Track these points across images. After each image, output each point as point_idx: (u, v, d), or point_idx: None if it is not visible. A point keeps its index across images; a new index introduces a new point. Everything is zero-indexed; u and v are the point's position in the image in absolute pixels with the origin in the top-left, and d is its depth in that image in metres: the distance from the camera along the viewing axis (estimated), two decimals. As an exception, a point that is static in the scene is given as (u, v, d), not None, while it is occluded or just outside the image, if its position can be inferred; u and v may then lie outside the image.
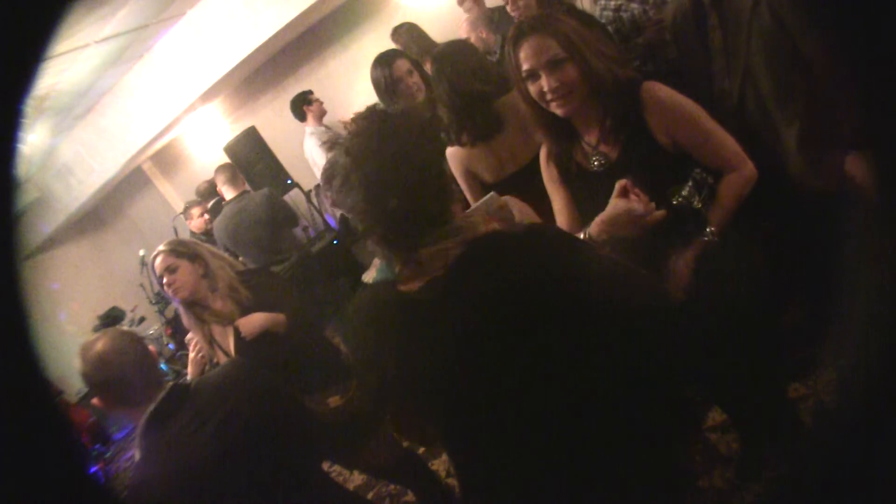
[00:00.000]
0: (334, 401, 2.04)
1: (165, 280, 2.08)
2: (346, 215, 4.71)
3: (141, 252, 5.70)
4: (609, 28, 2.61)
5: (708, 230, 1.41)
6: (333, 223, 5.88)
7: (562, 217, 1.57)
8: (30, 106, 4.09)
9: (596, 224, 1.33)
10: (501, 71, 2.54)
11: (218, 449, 1.42)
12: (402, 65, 2.60)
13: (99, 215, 7.22)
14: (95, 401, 1.46)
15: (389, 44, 3.95)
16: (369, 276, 1.19)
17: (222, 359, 2.06)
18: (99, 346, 1.44)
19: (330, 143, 1.12)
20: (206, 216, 4.47)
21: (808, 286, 1.65)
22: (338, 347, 4.23)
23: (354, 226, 4.96)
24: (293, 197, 5.99)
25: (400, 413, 1.25)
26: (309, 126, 4.54)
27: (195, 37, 4.68)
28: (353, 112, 1.25)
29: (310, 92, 4.67)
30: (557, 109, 1.42)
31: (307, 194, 5.88)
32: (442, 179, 1.09)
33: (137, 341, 1.51)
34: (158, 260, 2.12)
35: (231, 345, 2.08)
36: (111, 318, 5.27)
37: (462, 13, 4.19)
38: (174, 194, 6.84)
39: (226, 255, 2.34)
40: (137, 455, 1.44)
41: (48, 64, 3.46)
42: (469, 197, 2.22)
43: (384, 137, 1.02)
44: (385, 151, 1.01)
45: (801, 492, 0.76)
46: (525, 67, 1.42)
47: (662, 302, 1.20)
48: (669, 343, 1.09)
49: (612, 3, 2.67)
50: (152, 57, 4.85)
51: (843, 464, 0.65)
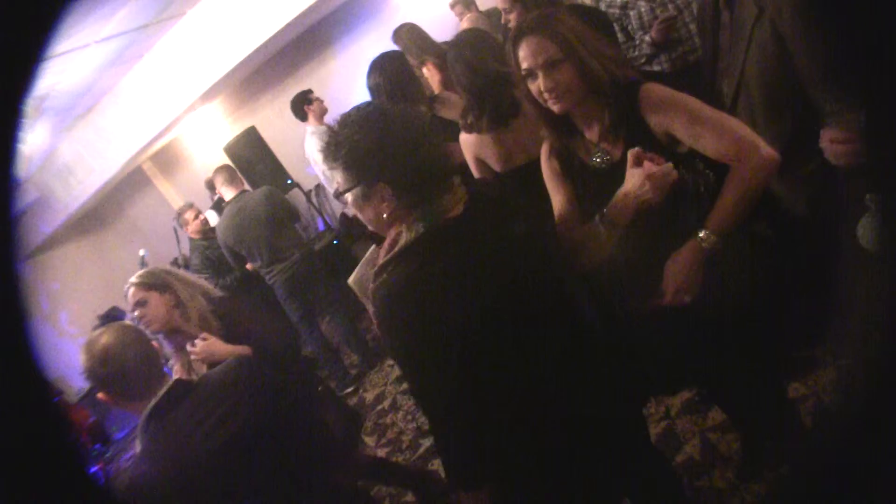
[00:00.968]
0: None
1: (136, 314, 2.05)
2: (346, 214, 4.73)
3: (141, 252, 5.70)
4: (615, 25, 2.61)
5: (702, 234, 1.36)
6: (333, 223, 5.89)
7: (563, 212, 1.56)
8: (30, 106, 4.10)
9: (615, 204, 1.38)
10: None
11: (218, 444, 1.42)
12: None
13: (99, 215, 7.22)
14: (101, 395, 1.47)
15: (389, 44, 3.95)
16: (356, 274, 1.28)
17: None
18: (104, 340, 1.45)
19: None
20: (202, 217, 4.47)
21: (807, 288, 1.65)
22: (313, 361, 4.24)
23: (355, 226, 4.94)
24: (293, 197, 6.01)
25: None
26: (310, 126, 4.54)
27: (195, 37, 4.68)
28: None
29: (310, 91, 4.66)
30: (553, 107, 1.45)
31: (307, 194, 5.89)
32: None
33: (141, 335, 1.53)
34: (129, 293, 2.09)
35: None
36: (111, 319, 5.28)
37: (461, 12, 4.20)
38: (174, 194, 6.84)
39: (200, 283, 2.31)
40: (138, 448, 1.45)
41: (48, 64, 3.46)
42: None
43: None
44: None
45: (801, 492, 0.76)
46: (524, 66, 1.45)
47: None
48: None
49: (619, 0, 2.66)
50: (152, 57, 4.84)
51: (843, 464, 0.65)
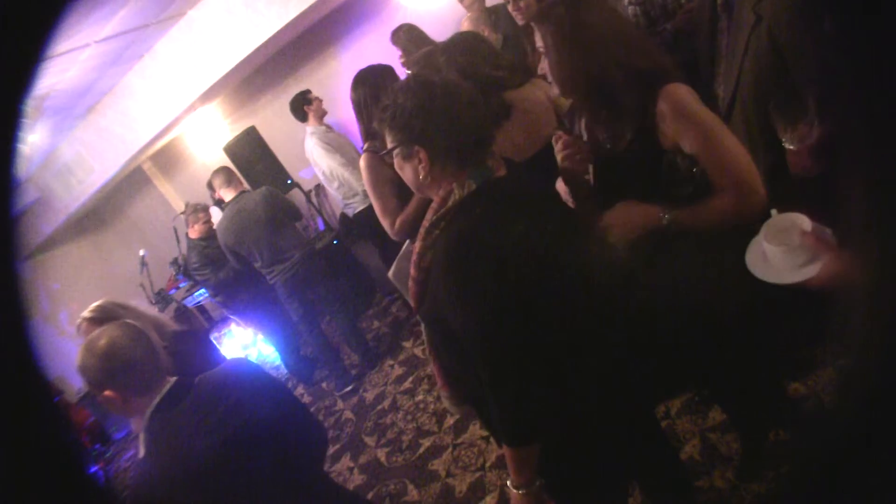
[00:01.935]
0: None
1: None
2: (347, 215, 4.73)
3: (141, 252, 5.71)
4: (638, 8, 2.58)
5: (667, 216, 1.42)
6: (333, 223, 5.89)
7: None
8: (30, 106, 4.09)
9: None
10: (512, 60, 2.57)
11: (220, 441, 1.43)
12: None
13: (99, 215, 7.22)
14: (109, 392, 1.44)
15: (389, 44, 3.95)
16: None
17: None
18: (106, 337, 1.46)
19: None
20: (210, 223, 4.49)
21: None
22: (314, 361, 4.17)
23: (354, 226, 4.93)
24: (293, 197, 6.01)
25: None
26: (310, 126, 4.54)
27: (195, 37, 4.68)
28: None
29: (308, 91, 4.67)
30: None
31: (307, 194, 5.89)
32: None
33: (140, 330, 1.54)
34: (82, 328, 2.11)
35: None
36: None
37: (462, 12, 4.19)
38: (174, 194, 6.84)
39: (153, 316, 2.32)
40: (142, 451, 1.45)
41: (48, 64, 3.46)
42: None
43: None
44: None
45: (801, 492, 0.76)
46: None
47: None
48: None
49: None
50: (152, 57, 4.84)
51: (843, 464, 0.65)
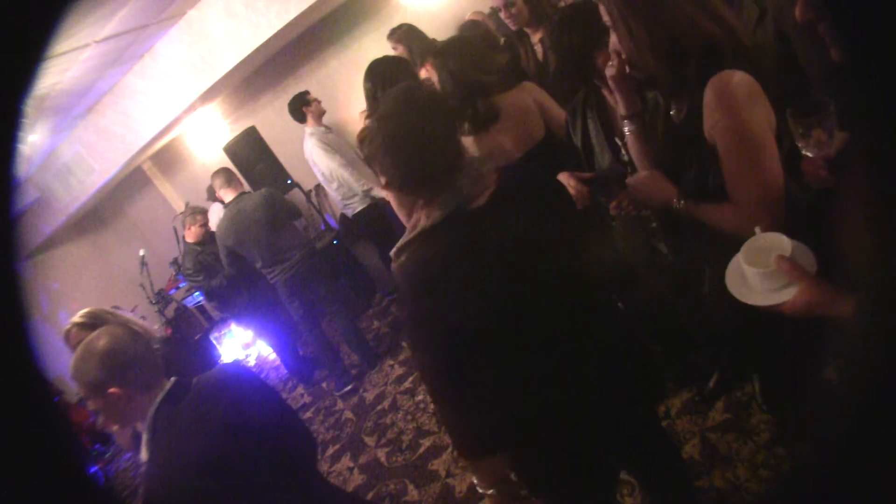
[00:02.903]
0: None
1: None
2: (346, 215, 4.73)
3: (141, 252, 5.71)
4: None
5: (682, 203, 1.46)
6: (334, 223, 5.89)
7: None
8: (30, 106, 4.09)
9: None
10: (504, 63, 2.62)
11: (221, 439, 1.44)
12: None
13: (99, 215, 7.22)
14: (114, 390, 1.42)
15: (390, 44, 3.95)
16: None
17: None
18: (105, 337, 1.46)
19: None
20: (207, 227, 4.50)
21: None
22: (314, 360, 4.15)
23: (354, 226, 4.95)
24: (293, 197, 6.00)
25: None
26: (309, 127, 4.54)
27: (195, 37, 4.68)
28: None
29: (307, 92, 4.67)
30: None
31: (307, 194, 5.89)
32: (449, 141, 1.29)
33: (134, 330, 1.56)
34: (71, 334, 2.10)
35: None
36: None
37: (462, 12, 4.20)
38: (174, 194, 6.83)
39: (141, 324, 2.30)
40: (144, 452, 1.45)
41: (48, 64, 3.46)
42: None
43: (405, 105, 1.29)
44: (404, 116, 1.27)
45: (802, 492, 0.76)
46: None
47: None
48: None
49: None
50: (152, 57, 4.84)
51: (843, 464, 0.65)
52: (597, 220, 2.10)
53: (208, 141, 6.28)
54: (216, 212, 4.90)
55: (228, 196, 4.15)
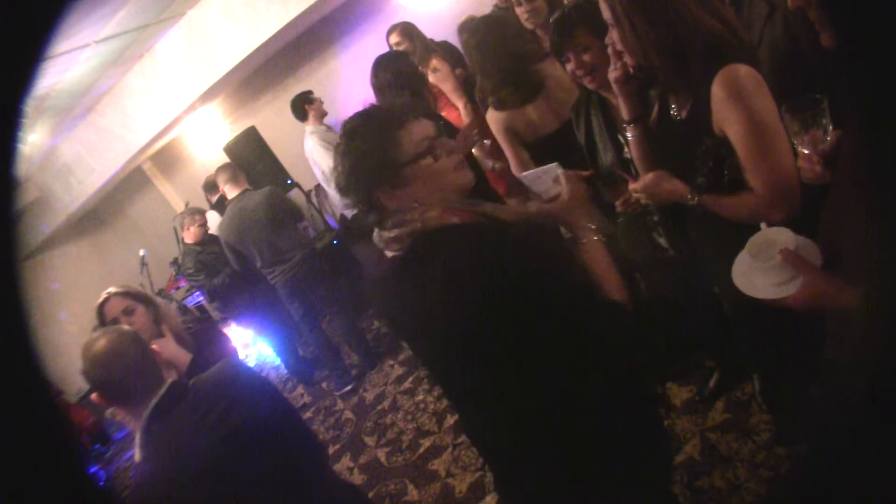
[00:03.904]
0: None
1: (121, 322, 1.98)
2: (346, 215, 4.73)
3: (141, 252, 5.70)
4: None
5: (696, 199, 1.47)
6: (333, 223, 5.89)
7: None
8: (30, 106, 4.09)
9: None
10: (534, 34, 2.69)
11: (218, 439, 1.43)
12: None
13: (99, 215, 7.22)
14: (95, 397, 1.47)
15: (391, 40, 3.95)
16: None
17: None
18: (98, 346, 1.45)
19: None
20: (205, 227, 4.50)
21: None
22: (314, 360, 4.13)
23: (354, 226, 4.95)
24: (293, 197, 6.00)
25: None
26: (309, 126, 4.54)
27: (195, 37, 4.68)
28: None
29: (311, 92, 4.67)
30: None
31: (307, 194, 5.89)
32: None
33: (137, 341, 1.52)
34: (112, 302, 2.04)
35: None
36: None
37: (462, 12, 4.19)
38: (174, 194, 6.84)
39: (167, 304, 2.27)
40: (138, 454, 1.44)
41: (48, 64, 3.46)
42: (510, 154, 2.39)
43: None
44: None
45: (801, 492, 0.76)
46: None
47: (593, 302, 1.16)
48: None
49: None
50: (152, 57, 4.84)
51: (843, 465, 0.65)
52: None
53: (208, 141, 6.28)
54: (213, 218, 4.90)
55: (232, 192, 4.14)
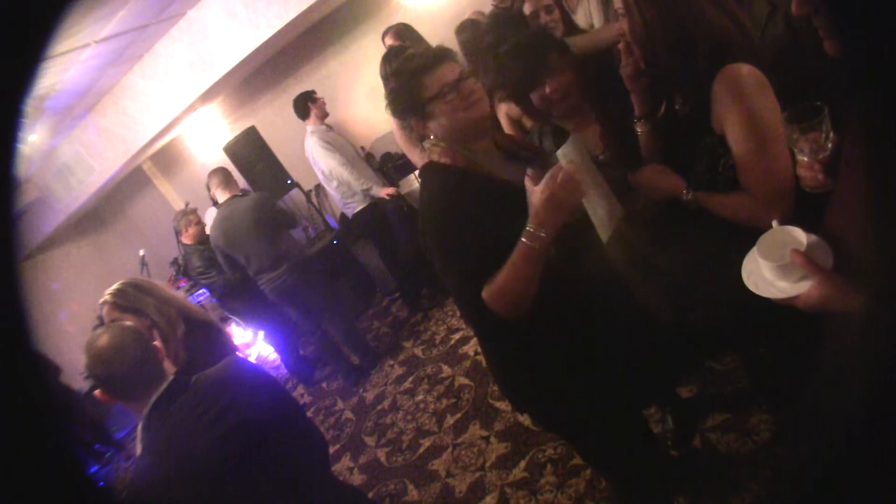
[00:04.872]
0: None
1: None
2: (346, 215, 4.73)
3: (141, 252, 5.70)
4: None
5: (690, 195, 1.47)
6: (333, 223, 5.89)
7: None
8: (30, 106, 4.09)
9: None
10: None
11: (219, 435, 1.43)
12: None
13: (99, 215, 7.22)
14: (98, 393, 1.48)
15: (387, 41, 3.95)
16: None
17: None
18: (101, 342, 1.47)
19: None
20: (202, 224, 4.48)
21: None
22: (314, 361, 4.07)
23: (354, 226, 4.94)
24: (293, 197, 6.00)
25: None
26: (310, 125, 4.54)
27: (195, 37, 4.68)
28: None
29: (314, 91, 4.68)
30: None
31: (307, 194, 5.89)
32: None
33: (140, 338, 1.53)
34: (104, 311, 2.06)
35: None
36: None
37: (462, 12, 4.19)
38: (174, 194, 6.84)
39: (182, 305, 2.18)
40: (139, 448, 1.45)
41: (48, 64, 3.46)
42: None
43: None
44: None
45: (802, 492, 0.76)
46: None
47: None
48: None
49: None
50: (152, 57, 4.85)
51: (842, 465, 0.65)
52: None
53: (208, 141, 6.28)
54: (211, 214, 4.89)
55: (222, 197, 4.13)
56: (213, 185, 4.18)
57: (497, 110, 2.43)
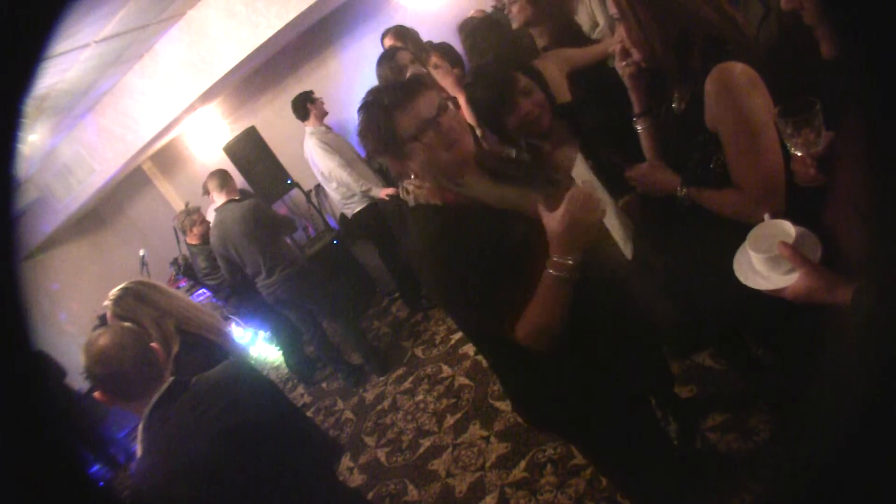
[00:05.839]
0: None
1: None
2: (346, 215, 4.73)
3: (141, 252, 5.70)
4: None
5: (684, 191, 1.48)
6: (333, 223, 5.89)
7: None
8: (30, 106, 4.09)
9: None
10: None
11: (219, 436, 1.43)
12: (404, 56, 2.82)
13: (99, 215, 7.21)
14: (98, 394, 1.49)
15: (386, 43, 3.95)
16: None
17: None
18: (102, 341, 1.47)
19: None
20: (206, 223, 4.47)
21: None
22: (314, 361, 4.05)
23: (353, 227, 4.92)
24: (293, 196, 5.99)
25: None
26: (309, 126, 4.54)
27: (195, 37, 4.68)
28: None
29: (312, 92, 4.68)
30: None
31: (307, 194, 5.89)
32: None
33: (139, 338, 1.53)
34: (108, 314, 2.06)
35: None
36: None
37: (462, 12, 4.19)
38: (174, 194, 6.83)
39: (185, 310, 2.12)
40: (140, 450, 1.46)
41: (48, 64, 3.46)
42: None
43: None
44: None
45: (801, 492, 0.76)
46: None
47: None
48: None
49: None
50: (152, 57, 4.84)
51: (842, 465, 0.65)
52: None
53: (208, 141, 6.28)
54: (213, 214, 4.89)
55: (219, 200, 4.13)
56: (211, 188, 4.17)
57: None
